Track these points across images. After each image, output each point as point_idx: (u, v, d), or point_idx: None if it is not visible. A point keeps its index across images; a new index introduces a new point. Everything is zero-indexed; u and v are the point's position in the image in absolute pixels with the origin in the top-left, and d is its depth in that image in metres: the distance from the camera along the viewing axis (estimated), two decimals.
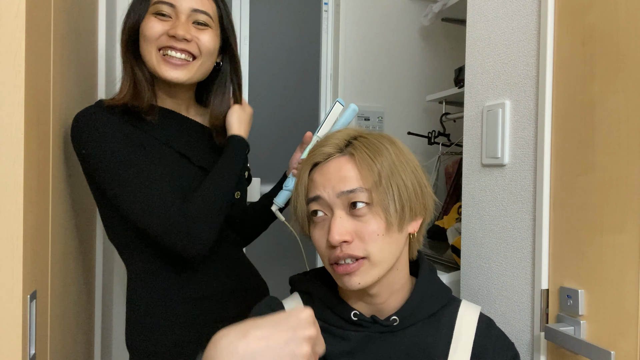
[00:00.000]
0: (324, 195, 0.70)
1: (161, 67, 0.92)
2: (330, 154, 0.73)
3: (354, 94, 1.96)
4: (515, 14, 0.91)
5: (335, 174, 0.70)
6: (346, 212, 0.69)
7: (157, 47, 0.92)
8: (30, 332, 0.70)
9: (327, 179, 0.71)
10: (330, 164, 0.72)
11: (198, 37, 0.93)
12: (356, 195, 0.68)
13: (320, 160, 0.73)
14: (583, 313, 0.75)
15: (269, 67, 1.96)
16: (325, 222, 0.71)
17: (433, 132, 1.86)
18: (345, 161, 0.71)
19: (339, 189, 0.69)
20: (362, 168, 0.70)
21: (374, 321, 0.73)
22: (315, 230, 0.72)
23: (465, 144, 1.06)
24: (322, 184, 0.71)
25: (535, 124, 0.86)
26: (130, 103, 0.91)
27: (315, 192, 0.71)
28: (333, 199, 0.69)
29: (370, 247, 0.68)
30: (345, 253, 0.67)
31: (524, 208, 0.88)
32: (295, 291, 0.82)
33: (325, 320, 0.75)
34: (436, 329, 0.74)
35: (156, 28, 0.91)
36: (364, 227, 0.68)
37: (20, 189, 0.66)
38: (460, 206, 1.42)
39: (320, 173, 0.72)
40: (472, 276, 1.03)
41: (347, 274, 0.68)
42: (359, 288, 0.69)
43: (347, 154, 0.72)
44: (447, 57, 2.08)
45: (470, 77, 1.05)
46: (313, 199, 0.71)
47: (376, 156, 0.70)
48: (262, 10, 1.94)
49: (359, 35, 1.95)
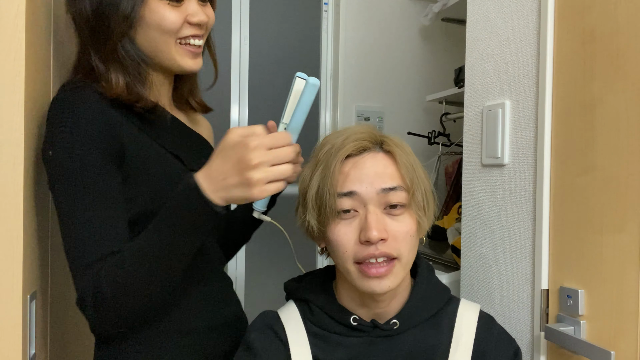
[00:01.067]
0: (360, 190, 0.67)
1: (184, 59, 0.79)
2: (367, 148, 0.71)
3: (354, 94, 1.96)
4: (515, 14, 0.91)
5: (372, 169, 0.68)
6: (381, 209, 0.68)
7: (178, 39, 0.78)
8: (30, 332, 0.70)
9: (364, 174, 0.68)
10: (366, 158, 0.70)
11: (207, 15, 0.81)
12: (396, 194, 0.67)
13: (354, 153, 0.70)
14: (583, 313, 0.75)
15: (269, 67, 1.96)
16: (355, 218, 0.68)
17: (433, 132, 1.86)
18: (382, 157, 0.70)
19: (379, 186, 0.67)
20: (401, 167, 0.69)
21: (374, 326, 0.72)
22: (341, 227, 0.68)
23: (465, 144, 1.06)
24: (357, 179, 0.68)
25: (535, 124, 0.86)
26: (127, 99, 0.75)
27: (350, 187, 0.68)
28: (371, 195, 0.67)
29: (402, 247, 0.67)
30: (381, 251, 0.66)
31: (524, 208, 0.88)
32: (291, 299, 0.81)
33: (324, 327, 0.74)
34: (436, 329, 0.74)
35: (173, 17, 0.76)
36: (399, 227, 0.67)
37: (20, 189, 0.66)
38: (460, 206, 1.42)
39: (354, 167, 0.69)
40: (472, 276, 1.03)
41: (378, 277, 0.66)
42: (387, 291, 0.67)
43: (383, 151, 0.71)
44: (447, 57, 2.08)
45: (470, 77, 1.05)
46: (346, 194, 0.68)
47: (408, 156, 0.71)
48: (262, 10, 1.94)
49: (359, 35, 1.95)
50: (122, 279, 0.66)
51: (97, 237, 0.68)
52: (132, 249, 0.68)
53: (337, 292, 0.77)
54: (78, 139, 0.70)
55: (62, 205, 0.70)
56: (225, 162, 0.64)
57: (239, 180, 0.63)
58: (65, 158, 0.69)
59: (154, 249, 0.67)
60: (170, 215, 0.66)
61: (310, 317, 0.75)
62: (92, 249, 0.68)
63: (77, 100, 0.71)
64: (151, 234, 0.67)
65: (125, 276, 0.66)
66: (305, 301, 0.78)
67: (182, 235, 0.66)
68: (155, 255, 0.67)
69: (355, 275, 0.68)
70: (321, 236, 0.73)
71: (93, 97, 0.72)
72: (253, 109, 1.93)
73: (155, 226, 0.67)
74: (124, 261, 0.66)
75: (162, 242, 0.66)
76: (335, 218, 0.69)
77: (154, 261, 0.67)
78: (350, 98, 1.95)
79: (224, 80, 1.85)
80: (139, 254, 0.67)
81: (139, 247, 0.67)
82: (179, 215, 0.66)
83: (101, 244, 0.68)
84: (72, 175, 0.69)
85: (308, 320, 0.76)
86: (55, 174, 0.70)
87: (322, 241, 0.74)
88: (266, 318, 0.78)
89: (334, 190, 0.68)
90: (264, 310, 0.82)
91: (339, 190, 0.68)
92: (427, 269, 0.79)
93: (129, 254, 0.67)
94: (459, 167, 1.73)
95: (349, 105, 1.95)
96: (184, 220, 0.66)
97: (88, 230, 0.68)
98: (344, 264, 0.69)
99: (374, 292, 0.67)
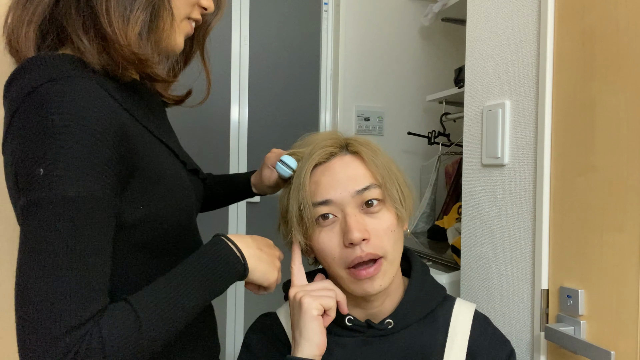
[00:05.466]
0: (335, 197, 0.67)
1: (182, 37, 0.71)
2: (333, 153, 0.71)
3: (354, 94, 1.96)
4: (515, 14, 0.91)
5: (342, 173, 0.68)
6: (359, 210, 0.68)
7: (186, 15, 0.70)
8: None
9: (335, 179, 0.68)
10: (333, 163, 0.70)
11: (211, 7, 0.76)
12: (370, 192, 0.67)
13: (322, 161, 0.71)
14: (583, 313, 0.75)
15: (269, 67, 1.96)
16: (335, 223, 0.68)
17: (433, 132, 1.86)
18: (350, 159, 0.70)
19: (352, 189, 0.67)
20: (370, 165, 0.69)
21: (369, 326, 0.72)
22: (323, 235, 0.68)
23: (465, 144, 1.06)
24: (330, 186, 0.68)
25: (535, 124, 0.86)
26: (138, 60, 0.61)
27: (324, 196, 0.68)
28: (347, 200, 0.67)
29: (386, 243, 0.67)
30: (367, 253, 0.66)
31: (524, 208, 0.88)
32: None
33: None
34: (431, 328, 0.74)
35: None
36: (379, 224, 0.68)
37: None
38: (460, 206, 1.42)
39: (325, 174, 0.69)
40: (472, 276, 1.03)
41: (368, 278, 0.66)
42: (379, 290, 0.68)
43: (349, 153, 0.71)
44: (447, 57, 2.08)
45: (470, 77, 1.05)
46: (322, 202, 0.68)
47: (376, 153, 0.71)
48: (262, 10, 1.94)
49: (359, 35, 1.95)
50: (134, 341, 0.54)
51: (90, 291, 0.53)
52: (146, 307, 0.56)
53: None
54: (89, 157, 0.53)
55: (47, 244, 0.51)
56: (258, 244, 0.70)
57: (271, 260, 0.70)
58: (70, 184, 0.52)
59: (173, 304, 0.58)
60: (201, 267, 0.63)
61: None
62: (83, 305, 0.52)
63: (78, 97, 0.54)
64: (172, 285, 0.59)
65: (138, 336, 0.54)
66: None
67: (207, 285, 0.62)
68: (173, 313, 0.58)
69: (347, 280, 0.68)
70: (309, 249, 0.72)
71: (95, 89, 0.57)
72: (253, 109, 1.93)
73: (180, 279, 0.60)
74: (139, 320, 0.55)
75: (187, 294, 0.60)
76: (316, 227, 0.69)
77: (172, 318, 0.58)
78: (350, 98, 1.95)
79: (224, 80, 1.85)
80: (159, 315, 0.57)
81: (155, 305, 0.57)
82: (212, 266, 0.63)
83: (93, 300, 0.53)
84: (72, 209, 0.52)
85: None
86: (42, 202, 0.52)
87: (311, 253, 0.74)
88: (265, 320, 0.78)
89: (309, 201, 0.68)
90: (263, 312, 0.82)
91: (314, 200, 0.68)
92: (421, 268, 0.79)
93: (143, 311, 0.55)
94: (459, 167, 1.73)
95: (349, 105, 1.95)
96: (215, 271, 0.63)
97: (83, 281, 0.52)
98: (335, 270, 0.69)
99: (367, 293, 0.68)
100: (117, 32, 0.59)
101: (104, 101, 0.56)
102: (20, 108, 0.54)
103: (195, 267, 0.62)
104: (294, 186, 0.71)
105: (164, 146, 0.71)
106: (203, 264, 0.62)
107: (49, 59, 0.57)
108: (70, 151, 0.52)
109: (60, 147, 0.52)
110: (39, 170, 0.52)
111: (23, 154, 0.53)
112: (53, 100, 0.53)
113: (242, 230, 1.89)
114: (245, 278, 0.67)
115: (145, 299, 0.57)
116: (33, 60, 0.58)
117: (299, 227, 0.70)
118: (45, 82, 0.54)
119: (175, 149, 0.74)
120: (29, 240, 0.52)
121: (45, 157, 0.52)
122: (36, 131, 0.53)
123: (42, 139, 0.52)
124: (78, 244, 0.53)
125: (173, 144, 0.75)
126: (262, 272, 0.68)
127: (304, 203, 0.68)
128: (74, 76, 0.56)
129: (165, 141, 0.71)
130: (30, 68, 0.57)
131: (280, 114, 1.98)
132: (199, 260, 0.63)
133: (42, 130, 0.52)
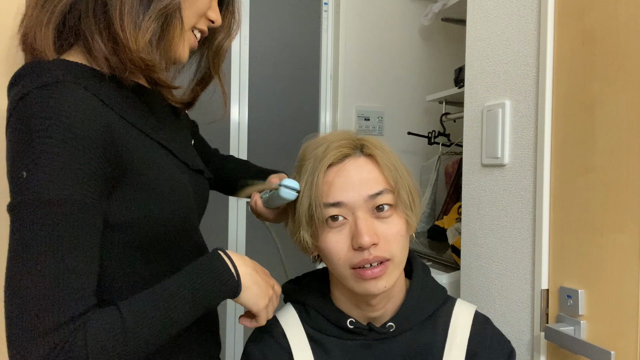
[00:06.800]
0: (347, 199, 0.67)
1: (187, 48, 0.73)
2: (348, 154, 0.70)
3: (354, 94, 1.96)
4: (515, 14, 0.91)
5: (356, 176, 0.68)
6: (370, 214, 0.67)
7: (193, 25, 0.72)
8: None
9: (348, 181, 0.68)
10: (348, 165, 0.69)
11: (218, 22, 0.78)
12: (383, 197, 0.67)
13: (335, 162, 0.70)
14: (583, 313, 0.75)
15: (269, 67, 1.96)
16: (345, 225, 0.68)
17: (433, 132, 1.86)
18: (364, 162, 0.70)
19: (365, 193, 0.67)
20: (384, 169, 0.69)
21: (371, 329, 0.72)
22: (331, 235, 0.68)
23: (465, 144, 1.06)
24: (343, 188, 0.67)
25: (535, 124, 0.85)
26: (148, 61, 0.63)
27: (337, 197, 0.67)
28: (359, 203, 0.67)
29: (394, 248, 0.67)
30: (374, 256, 0.65)
31: (524, 208, 0.88)
32: (289, 301, 0.81)
33: (321, 330, 0.74)
34: (432, 330, 0.74)
35: (206, 2, 0.72)
36: (388, 229, 0.67)
37: None
38: (460, 206, 1.42)
39: (338, 175, 0.68)
40: (472, 276, 1.03)
41: (373, 278, 0.66)
42: (382, 291, 0.67)
43: (364, 155, 0.71)
44: (447, 57, 2.08)
45: (470, 77, 1.05)
46: (334, 204, 0.67)
47: (389, 157, 0.70)
48: (262, 10, 1.94)
49: (359, 35, 1.95)
50: (118, 346, 0.55)
51: (71, 292, 0.53)
52: (134, 315, 0.57)
53: (333, 295, 0.76)
54: (70, 161, 0.54)
55: (28, 246, 0.53)
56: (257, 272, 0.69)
57: (265, 286, 0.68)
58: (50, 187, 0.53)
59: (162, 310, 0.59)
60: (194, 277, 0.62)
61: (307, 319, 0.76)
62: (65, 305, 0.53)
63: (63, 101, 0.55)
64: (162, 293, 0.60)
65: (123, 342, 0.55)
66: (302, 304, 0.78)
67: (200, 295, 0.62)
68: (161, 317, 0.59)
69: (351, 279, 0.68)
70: (314, 247, 0.72)
71: (82, 94, 0.57)
72: (253, 109, 1.93)
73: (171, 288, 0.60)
74: (124, 325, 0.55)
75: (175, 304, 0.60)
76: (325, 227, 0.68)
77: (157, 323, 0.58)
78: (350, 98, 1.95)
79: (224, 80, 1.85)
80: (142, 317, 0.57)
81: (141, 309, 0.58)
82: (206, 278, 0.63)
83: (75, 301, 0.54)
84: (52, 211, 0.53)
85: (305, 322, 0.76)
86: (24, 204, 0.53)
87: (314, 251, 0.73)
88: (265, 325, 0.78)
89: (320, 201, 0.67)
90: None
91: (325, 201, 0.68)
92: (422, 269, 0.79)
93: (130, 317, 0.56)
94: (459, 167, 1.73)
95: (349, 105, 1.95)
96: (210, 282, 0.63)
97: (62, 282, 0.53)
98: (339, 270, 0.69)
99: (370, 293, 0.67)
100: (128, 37, 0.61)
101: (89, 105, 0.57)
102: (13, 114, 0.56)
103: (188, 279, 0.62)
104: (306, 184, 0.70)
105: (163, 148, 0.71)
106: (197, 277, 0.62)
107: (44, 65, 0.59)
108: (51, 155, 0.53)
109: (42, 152, 0.53)
110: (22, 173, 0.53)
111: (11, 158, 0.55)
112: (38, 105, 0.54)
113: (242, 230, 1.89)
114: (238, 295, 0.65)
115: (134, 307, 0.57)
116: (29, 66, 0.59)
117: (307, 226, 0.70)
118: (35, 87, 0.55)
119: (177, 151, 0.74)
120: (14, 241, 0.54)
121: (28, 160, 0.53)
122: (21, 135, 0.54)
123: (26, 143, 0.54)
124: (58, 246, 0.53)
125: (176, 146, 0.75)
126: (254, 295, 0.66)
127: (315, 202, 0.68)
128: (64, 81, 0.57)
129: (165, 143, 0.71)
130: (25, 74, 0.58)
131: (280, 114, 1.98)
132: (193, 273, 0.63)
133: (26, 134, 0.54)
